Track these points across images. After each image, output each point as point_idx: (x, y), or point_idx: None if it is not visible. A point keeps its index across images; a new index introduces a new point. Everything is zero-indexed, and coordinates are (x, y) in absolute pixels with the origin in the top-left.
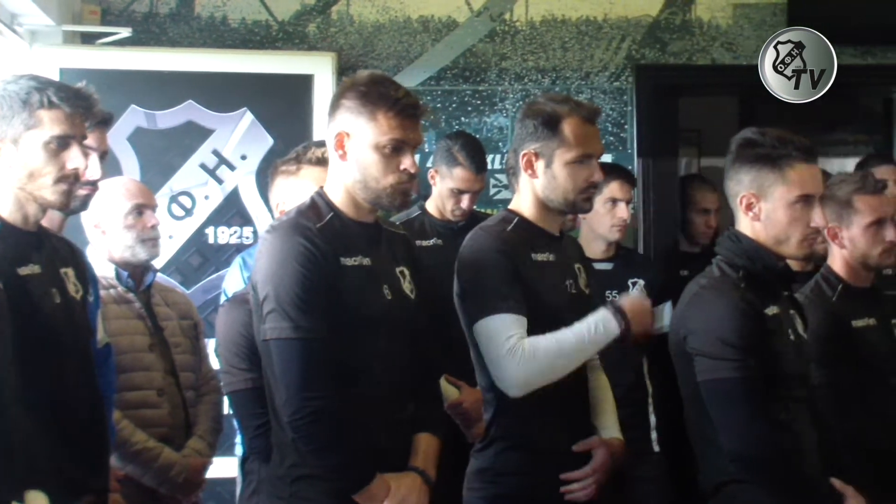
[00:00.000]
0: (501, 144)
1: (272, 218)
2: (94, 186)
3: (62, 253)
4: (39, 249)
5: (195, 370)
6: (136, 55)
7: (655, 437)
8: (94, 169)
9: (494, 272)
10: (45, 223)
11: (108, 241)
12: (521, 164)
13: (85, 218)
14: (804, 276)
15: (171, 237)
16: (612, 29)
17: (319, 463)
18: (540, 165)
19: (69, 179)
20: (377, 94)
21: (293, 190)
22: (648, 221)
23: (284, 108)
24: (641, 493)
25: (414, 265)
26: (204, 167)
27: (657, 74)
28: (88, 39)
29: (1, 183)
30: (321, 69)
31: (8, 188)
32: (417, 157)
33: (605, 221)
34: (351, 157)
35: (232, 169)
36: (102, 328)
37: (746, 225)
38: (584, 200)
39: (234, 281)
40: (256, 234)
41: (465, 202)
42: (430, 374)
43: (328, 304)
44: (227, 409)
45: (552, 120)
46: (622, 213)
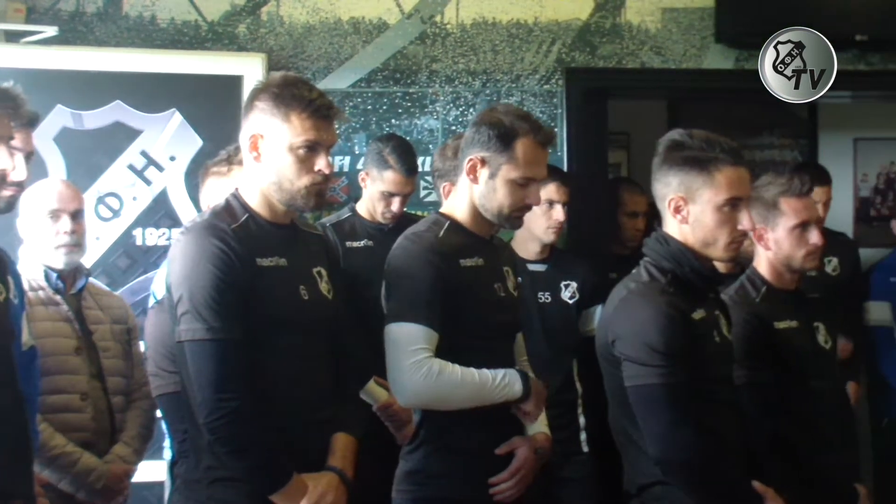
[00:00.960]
0: (432, 147)
1: None
2: (19, 187)
3: None
4: None
5: (126, 375)
6: (62, 54)
7: (584, 437)
8: (20, 170)
9: (419, 282)
10: None
11: (31, 244)
12: (464, 167)
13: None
14: (730, 277)
15: (97, 239)
16: (542, 32)
17: (235, 464)
18: (483, 173)
19: None
20: (290, 95)
21: (224, 191)
22: (577, 224)
23: (214, 109)
24: (569, 493)
25: (331, 266)
26: (132, 168)
27: (587, 77)
28: (13, 38)
29: None
30: (251, 70)
31: None
32: (348, 159)
33: (541, 223)
34: (265, 158)
35: (160, 170)
36: (28, 331)
37: (674, 227)
38: (516, 218)
39: (162, 283)
40: None
41: (395, 205)
42: (349, 374)
43: (243, 305)
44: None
45: (508, 135)
46: (558, 215)
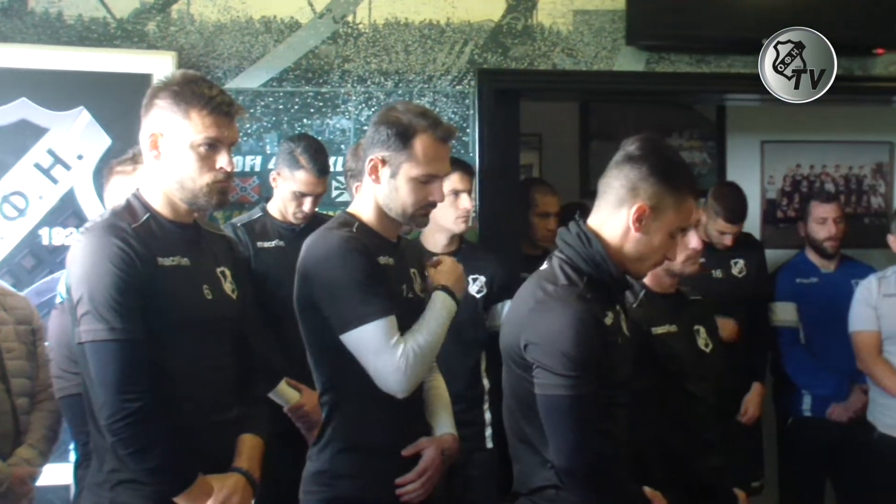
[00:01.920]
0: (344, 147)
1: None
2: None
3: None
4: None
5: (31, 377)
6: None
7: (490, 433)
8: None
9: (352, 274)
10: None
11: None
12: (366, 168)
13: None
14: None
15: (2, 238)
16: (454, 33)
17: (138, 466)
18: (385, 173)
19: None
20: (190, 92)
21: (129, 190)
22: (489, 224)
23: (123, 107)
24: (472, 488)
25: (237, 266)
26: (38, 167)
27: (499, 79)
28: None
29: None
30: (161, 68)
31: None
32: (260, 159)
33: (449, 213)
34: (166, 156)
35: (68, 169)
36: None
37: (619, 228)
38: (421, 216)
39: None
40: None
41: (307, 205)
42: (255, 375)
43: (145, 305)
44: None
45: (406, 133)
46: (465, 203)
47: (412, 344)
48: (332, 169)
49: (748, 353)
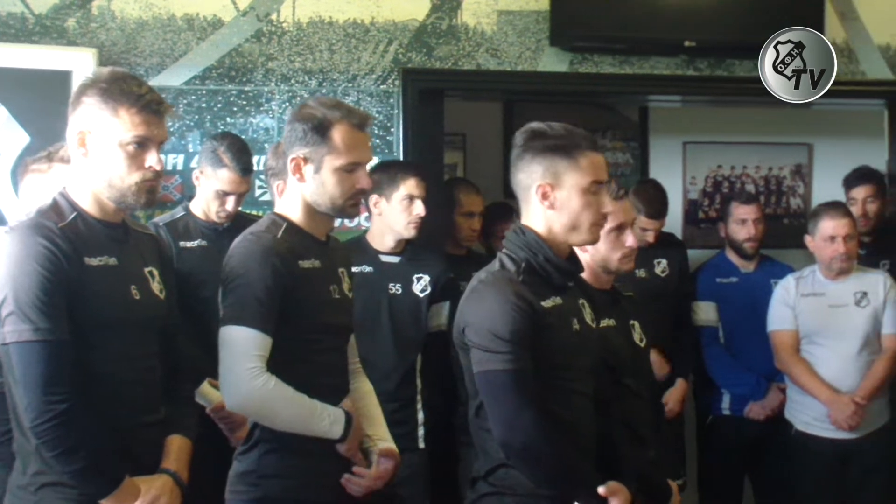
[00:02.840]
0: (267, 146)
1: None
2: None
3: None
4: None
5: None
6: None
7: (422, 433)
8: None
9: (256, 284)
10: None
11: None
12: (289, 167)
13: None
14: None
15: None
16: (379, 32)
17: (64, 469)
18: (308, 170)
19: None
20: (119, 90)
21: (44, 189)
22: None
23: (42, 104)
24: (405, 489)
25: (164, 265)
26: None
27: (423, 78)
28: None
29: None
30: (81, 65)
31: None
32: (182, 157)
33: (401, 218)
34: (93, 155)
35: None
36: None
37: (538, 215)
38: (351, 206)
39: None
40: None
41: (230, 204)
42: (182, 375)
43: (72, 305)
44: None
45: (322, 126)
46: (419, 209)
47: (276, 381)
48: (255, 168)
49: (672, 351)
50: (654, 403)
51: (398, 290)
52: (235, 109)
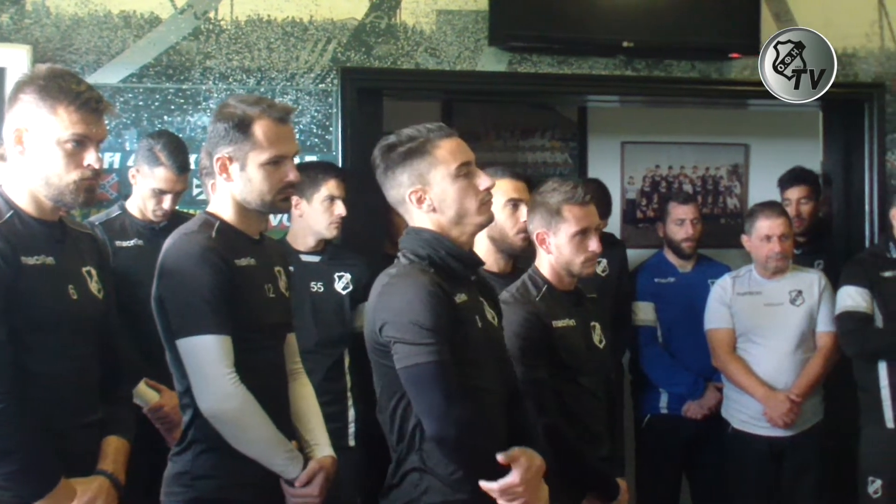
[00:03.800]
0: (204, 144)
1: None
2: None
3: None
4: None
5: None
6: None
7: (353, 430)
8: None
9: (202, 287)
10: None
11: None
12: (216, 167)
13: None
14: (507, 277)
15: None
16: (317, 31)
17: None
18: (235, 168)
19: None
20: (57, 88)
21: None
22: (351, 223)
23: None
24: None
25: (101, 265)
26: None
27: (362, 77)
28: None
29: None
30: (15, 63)
31: None
32: (119, 156)
33: (322, 219)
34: (31, 152)
35: None
36: None
37: (424, 220)
38: (281, 201)
39: None
40: None
41: (166, 202)
42: (119, 375)
43: (8, 304)
44: None
45: (243, 122)
46: (340, 210)
47: (249, 398)
48: (192, 166)
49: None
50: (610, 403)
51: (320, 288)
52: (173, 108)
